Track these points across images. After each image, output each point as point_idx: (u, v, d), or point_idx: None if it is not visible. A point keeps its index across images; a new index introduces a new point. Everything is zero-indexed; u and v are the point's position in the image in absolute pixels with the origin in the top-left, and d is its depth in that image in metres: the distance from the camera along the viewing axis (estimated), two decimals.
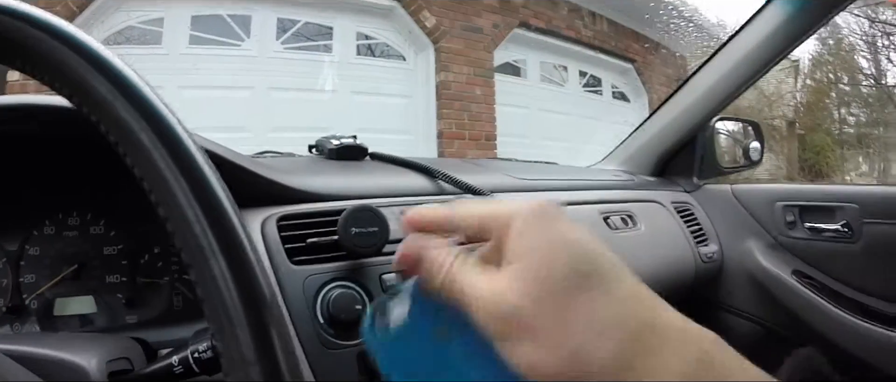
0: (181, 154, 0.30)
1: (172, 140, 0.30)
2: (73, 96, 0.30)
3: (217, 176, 0.31)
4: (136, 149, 0.30)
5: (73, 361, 0.45)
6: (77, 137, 0.63)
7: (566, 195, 1.07)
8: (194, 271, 0.28)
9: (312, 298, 0.61)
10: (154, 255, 0.74)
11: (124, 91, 0.30)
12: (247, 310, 0.28)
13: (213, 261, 0.28)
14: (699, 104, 1.38)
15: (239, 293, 0.28)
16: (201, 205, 0.29)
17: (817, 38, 7.97)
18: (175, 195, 0.29)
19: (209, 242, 0.28)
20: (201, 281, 0.28)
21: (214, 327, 0.28)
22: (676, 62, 6.96)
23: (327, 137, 1.02)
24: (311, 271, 0.63)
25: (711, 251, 1.30)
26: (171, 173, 0.29)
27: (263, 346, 0.28)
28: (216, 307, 0.28)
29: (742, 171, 1.62)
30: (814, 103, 8.74)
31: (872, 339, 1.12)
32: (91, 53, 0.30)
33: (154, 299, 0.73)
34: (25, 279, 0.69)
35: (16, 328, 0.67)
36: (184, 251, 0.29)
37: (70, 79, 0.30)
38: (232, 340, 0.27)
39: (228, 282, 0.28)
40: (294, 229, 0.67)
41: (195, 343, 0.46)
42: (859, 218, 1.17)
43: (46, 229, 0.71)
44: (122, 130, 0.30)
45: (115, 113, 0.30)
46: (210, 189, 0.30)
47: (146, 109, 0.30)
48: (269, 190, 0.71)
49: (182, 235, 0.29)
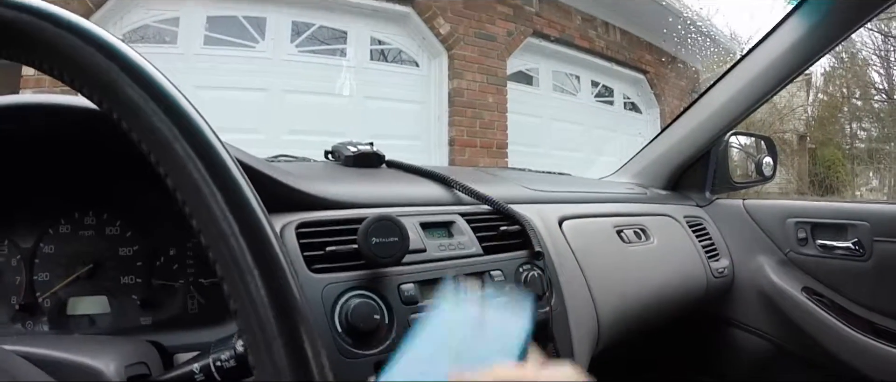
0: (216, 166, 0.30)
1: (208, 151, 0.30)
2: (102, 102, 0.30)
3: (252, 189, 0.31)
4: (170, 159, 0.30)
5: (91, 365, 0.44)
6: (95, 137, 0.63)
7: (580, 208, 1.07)
8: (228, 284, 0.29)
9: (331, 307, 0.61)
10: (170, 257, 0.73)
11: (157, 98, 0.30)
12: (281, 325, 0.28)
13: (248, 276, 0.28)
14: (713, 119, 1.38)
15: (273, 308, 0.28)
16: (237, 219, 0.29)
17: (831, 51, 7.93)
18: (210, 208, 0.29)
19: (245, 257, 0.28)
20: (235, 296, 0.28)
21: (248, 340, 0.28)
22: (690, 75, 6.94)
23: (344, 144, 1.03)
24: (329, 279, 0.63)
25: (723, 267, 1.30)
26: (205, 184, 0.29)
27: (297, 359, 0.28)
28: (250, 321, 0.28)
29: (754, 186, 1.62)
30: (826, 117, 8.66)
31: (882, 358, 1.11)
32: (124, 58, 0.30)
33: (169, 301, 0.72)
34: (39, 277, 0.68)
35: (28, 327, 0.67)
36: (218, 264, 0.29)
37: (100, 84, 0.30)
38: (266, 353, 0.28)
39: (263, 297, 0.28)
40: (313, 236, 0.67)
41: (217, 351, 0.46)
42: (870, 236, 1.16)
43: (62, 227, 0.70)
44: (155, 139, 0.30)
45: (147, 121, 0.30)
46: (246, 203, 0.30)
47: (180, 118, 0.30)
48: (288, 196, 0.71)
49: (217, 248, 0.29)
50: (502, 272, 0.77)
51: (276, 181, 0.70)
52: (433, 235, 0.76)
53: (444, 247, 0.75)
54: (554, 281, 0.84)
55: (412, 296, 0.67)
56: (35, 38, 0.29)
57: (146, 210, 0.72)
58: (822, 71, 8.38)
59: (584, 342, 0.86)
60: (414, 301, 0.67)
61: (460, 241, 0.77)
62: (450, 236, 0.78)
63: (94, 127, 0.59)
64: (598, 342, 0.91)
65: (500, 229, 0.83)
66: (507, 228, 0.83)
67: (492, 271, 0.76)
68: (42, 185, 0.71)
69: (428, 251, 0.73)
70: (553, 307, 0.80)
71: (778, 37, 1.22)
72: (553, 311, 0.80)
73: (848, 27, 1.14)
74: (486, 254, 0.78)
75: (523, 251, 0.82)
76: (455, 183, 0.89)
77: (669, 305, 1.13)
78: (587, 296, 0.91)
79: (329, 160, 1.07)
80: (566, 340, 0.82)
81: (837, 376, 1.21)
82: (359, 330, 0.61)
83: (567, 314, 0.83)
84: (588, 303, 0.90)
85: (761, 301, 1.31)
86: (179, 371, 0.47)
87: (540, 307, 0.79)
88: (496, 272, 0.76)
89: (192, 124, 0.31)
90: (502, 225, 0.83)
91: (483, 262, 0.77)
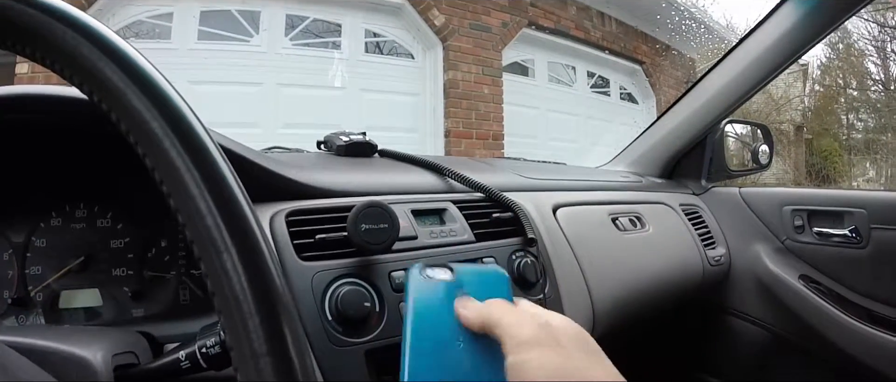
0: (194, 144, 0.30)
1: (185, 129, 0.30)
2: (83, 84, 0.30)
3: (230, 167, 0.31)
4: (148, 138, 0.29)
5: (79, 354, 0.44)
6: (86, 128, 0.62)
7: (575, 196, 1.07)
8: (205, 263, 0.28)
9: (321, 295, 0.61)
10: (161, 249, 0.73)
11: (136, 79, 0.30)
12: (258, 303, 0.27)
13: (225, 254, 0.27)
14: (709, 107, 1.38)
15: (251, 287, 0.27)
16: (214, 196, 0.28)
17: (827, 42, 7.95)
18: (187, 186, 0.29)
19: (221, 234, 0.28)
20: (212, 274, 0.28)
21: (225, 320, 0.27)
22: (686, 64, 6.94)
23: (336, 134, 1.02)
24: (319, 267, 0.62)
25: (719, 255, 1.30)
26: (183, 162, 0.29)
27: (275, 339, 0.27)
28: (227, 300, 0.27)
29: (751, 174, 1.62)
30: (822, 108, 8.69)
31: (879, 345, 1.11)
32: (102, 39, 0.30)
33: (161, 293, 0.72)
34: (31, 270, 0.68)
35: (21, 321, 0.67)
36: (195, 243, 0.28)
37: (81, 66, 0.30)
38: (243, 333, 0.27)
39: (241, 275, 0.27)
40: (303, 224, 0.66)
41: (203, 338, 0.46)
42: (867, 224, 1.16)
43: (53, 220, 0.70)
44: (133, 119, 0.29)
45: (126, 101, 0.29)
46: (223, 180, 0.29)
47: (158, 98, 0.30)
48: (278, 185, 0.70)
49: (193, 227, 0.28)
50: (495, 258, 0.76)
51: (267, 170, 0.70)
52: (425, 222, 0.76)
53: (435, 234, 0.74)
54: (548, 268, 0.83)
55: (403, 284, 0.66)
56: (11, 20, 0.29)
57: (137, 202, 0.72)
58: (819, 62, 8.41)
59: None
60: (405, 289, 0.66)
61: (452, 228, 0.77)
62: (442, 224, 0.77)
63: (84, 118, 0.59)
64: (594, 329, 0.90)
65: (493, 216, 0.82)
66: (500, 215, 0.82)
67: (484, 257, 0.75)
68: (33, 178, 0.70)
69: (419, 238, 0.72)
70: (547, 295, 0.80)
71: (773, 23, 1.21)
72: (547, 298, 0.79)
73: (842, 14, 1.13)
74: (479, 241, 0.77)
75: (516, 239, 0.82)
76: (447, 171, 0.88)
77: (665, 293, 1.13)
78: (582, 283, 0.90)
79: (321, 151, 1.06)
80: None
81: (834, 364, 1.21)
82: (349, 318, 0.60)
83: (561, 301, 0.83)
84: (583, 290, 0.90)
85: (758, 289, 1.31)
86: (166, 359, 0.47)
87: (533, 295, 0.78)
88: (489, 259, 0.75)
89: (169, 104, 0.30)
90: (495, 212, 0.83)
91: (475, 249, 0.76)
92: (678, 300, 1.23)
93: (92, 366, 0.44)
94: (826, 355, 1.22)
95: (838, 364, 1.21)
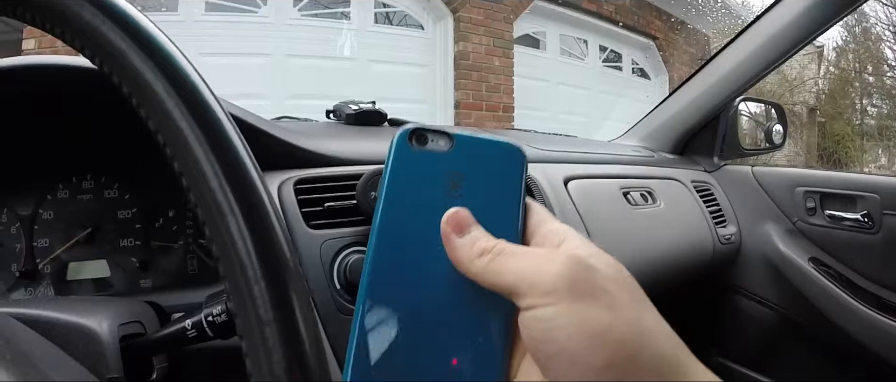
0: (198, 104, 0.29)
1: (189, 90, 0.29)
2: (85, 48, 0.29)
3: (236, 129, 0.30)
4: (151, 100, 0.28)
5: (85, 324, 0.44)
6: (92, 98, 0.61)
7: (587, 169, 1.05)
8: (210, 227, 0.27)
9: (329, 263, 0.60)
10: (169, 219, 0.73)
11: (138, 40, 0.29)
12: (264, 268, 0.26)
13: (230, 218, 0.27)
14: (723, 83, 1.36)
15: (256, 251, 0.26)
16: (218, 158, 0.28)
17: (843, 25, 7.81)
18: (191, 149, 0.28)
19: (227, 197, 0.27)
20: (217, 238, 0.27)
21: (230, 286, 0.26)
22: (700, 41, 6.84)
23: (346, 102, 1.01)
24: (328, 235, 0.62)
25: (730, 233, 1.28)
26: (187, 124, 0.28)
27: (281, 306, 0.26)
28: (232, 265, 0.26)
29: (764, 153, 1.60)
30: (836, 91, 8.57)
31: (886, 332, 1.11)
32: (103, 1, 0.29)
33: (168, 263, 0.72)
34: (39, 243, 0.68)
35: (30, 293, 0.67)
36: (200, 206, 0.28)
37: (81, 28, 0.29)
38: (248, 299, 0.26)
39: (246, 239, 0.26)
40: (311, 192, 0.65)
41: (209, 306, 0.45)
42: (880, 209, 1.15)
43: (60, 192, 0.70)
44: (135, 81, 0.29)
45: (127, 63, 0.29)
46: (228, 141, 0.28)
47: (161, 58, 0.29)
48: (287, 153, 0.70)
49: (198, 189, 0.27)
50: None
51: (275, 138, 0.69)
52: None
53: None
54: None
55: None
56: None
57: (144, 172, 0.72)
58: (834, 44, 8.28)
59: None
60: None
61: None
62: None
63: (91, 88, 0.58)
64: None
65: None
66: None
67: None
68: (40, 150, 0.70)
69: None
70: None
71: (791, 1, 1.18)
72: None
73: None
74: None
75: None
76: None
77: (675, 269, 1.12)
78: None
79: (331, 120, 1.05)
80: None
81: (840, 348, 1.21)
82: (357, 286, 0.59)
83: None
84: None
85: (768, 270, 1.30)
86: (172, 327, 0.46)
87: None
88: None
89: (172, 63, 0.30)
90: None
91: None
92: (687, 278, 1.22)
93: (97, 336, 0.44)
94: (832, 339, 1.21)
95: (844, 349, 1.20)
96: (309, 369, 0.26)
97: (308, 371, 0.26)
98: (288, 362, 0.26)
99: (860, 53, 8.23)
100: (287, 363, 0.26)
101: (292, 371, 0.26)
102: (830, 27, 1.20)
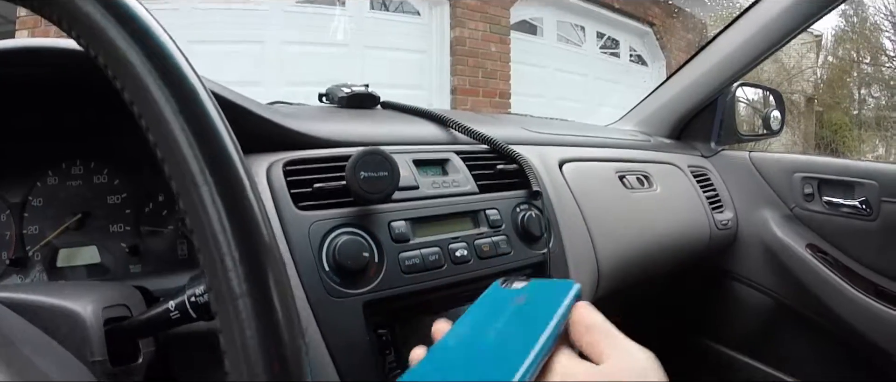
0: (173, 73, 0.28)
1: (164, 59, 0.28)
2: (62, 21, 0.28)
3: (213, 100, 0.29)
4: (126, 70, 0.27)
5: (69, 307, 0.44)
6: (79, 84, 0.61)
7: (582, 151, 1.04)
8: (183, 199, 0.26)
9: (318, 244, 0.59)
10: (158, 203, 0.72)
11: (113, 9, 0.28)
12: (238, 240, 0.25)
13: (203, 188, 0.26)
14: (721, 67, 1.34)
15: (230, 221, 0.25)
16: (192, 127, 0.27)
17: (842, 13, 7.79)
18: (165, 118, 0.27)
19: (200, 166, 0.26)
20: (190, 210, 0.26)
21: (203, 259, 0.26)
22: (698, 27, 6.81)
23: (338, 86, 1.00)
24: (317, 216, 0.61)
25: (726, 219, 1.28)
26: (161, 93, 0.27)
27: (254, 279, 0.25)
28: (206, 237, 0.25)
29: (761, 139, 1.59)
30: (834, 81, 8.56)
31: (882, 320, 1.10)
32: None
33: (158, 247, 0.72)
34: (29, 230, 0.68)
35: (21, 281, 0.67)
36: (173, 178, 0.27)
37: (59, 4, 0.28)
38: (221, 272, 0.25)
39: (219, 209, 0.25)
40: (301, 174, 0.65)
41: (192, 287, 0.44)
42: (878, 196, 1.14)
43: (50, 179, 0.69)
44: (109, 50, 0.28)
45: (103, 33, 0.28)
46: (203, 111, 0.27)
47: (136, 27, 0.28)
48: (277, 135, 0.69)
49: (172, 160, 0.26)
50: (498, 210, 0.75)
51: (265, 119, 0.68)
52: (427, 172, 0.74)
53: (437, 184, 0.72)
54: (552, 222, 0.81)
55: (403, 234, 0.65)
56: None
57: (133, 157, 0.71)
58: (833, 33, 8.26)
59: (582, 286, 0.84)
60: (405, 239, 0.65)
61: (455, 179, 0.75)
62: (444, 174, 0.75)
63: (77, 70, 0.57)
64: (598, 288, 0.89)
65: (498, 167, 0.80)
66: (505, 167, 0.81)
67: (487, 209, 0.74)
68: (29, 137, 0.69)
69: (421, 189, 0.71)
70: (551, 249, 0.78)
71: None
72: (551, 253, 0.78)
73: None
74: (482, 193, 0.76)
75: (521, 191, 0.80)
76: (451, 122, 0.86)
77: (671, 254, 1.11)
78: (587, 240, 0.88)
79: (324, 103, 1.04)
80: None
81: (837, 335, 1.21)
82: (347, 268, 0.59)
83: (566, 256, 0.81)
84: (588, 247, 0.88)
85: (764, 256, 1.29)
86: (155, 309, 0.46)
87: (537, 249, 0.77)
88: (492, 211, 0.74)
89: (148, 35, 0.29)
90: (500, 164, 0.81)
91: (478, 200, 0.74)
92: (683, 263, 1.22)
93: (82, 319, 0.44)
94: (829, 326, 1.21)
95: (840, 336, 1.20)
96: (283, 344, 0.25)
97: (282, 347, 0.25)
98: (261, 337, 0.25)
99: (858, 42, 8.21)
100: (260, 338, 0.25)
101: (267, 346, 0.25)
102: (828, 12, 1.18)
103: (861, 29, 8.10)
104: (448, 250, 0.67)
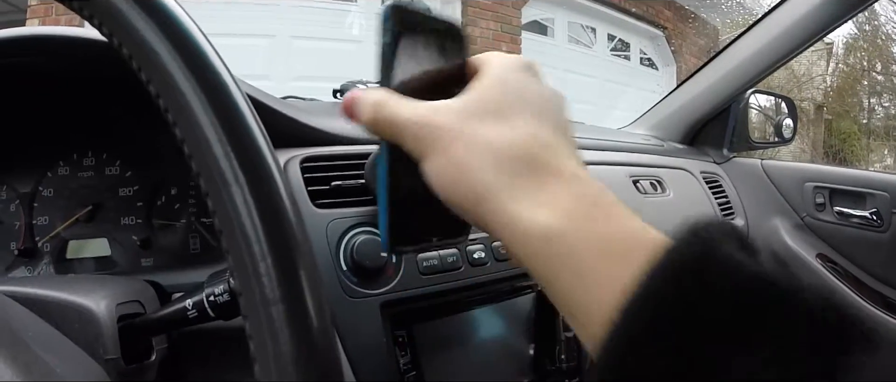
0: (203, 67, 0.27)
1: (193, 51, 0.27)
2: (83, 9, 0.28)
3: (244, 94, 0.28)
4: (153, 61, 0.27)
5: (81, 303, 0.43)
6: (93, 74, 0.60)
7: (596, 155, 1.04)
8: (213, 198, 0.25)
9: (336, 244, 0.59)
10: (171, 197, 0.71)
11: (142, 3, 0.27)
12: (271, 243, 0.24)
13: (234, 187, 0.25)
14: (735, 74, 1.33)
15: (263, 223, 0.24)
16: (223, 123, 0.26)
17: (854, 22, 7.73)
18: (194, 113, 0.26)
19: (231, 165, 0.25)
20: (220, 210, 0.25)
21: (234, 262, 0.25)
22: (710, 33, 6.78)
23: (354, 82, 1.00)
24: (334, 215, 0.61)
25: (738, 226, 1.26)
26: (190, 86, 0.26)
27: (289, 284, 0.24)
28: (236, 239, 0.24)
29: (773, 147, 1.58)
30: (844, 89, 8.50)
31: (892, 332, 1.09)
32: None
33: (170, 242, 0.70)
34: (39, 221, 0.67)
35: (29, 272, 0.66)
36: (202, 176, 0.26)
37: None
38: (253, 277, 0.24)
39: (252, 210, 0.25)
40: (318, 171, 0.64)
41: (211, 285, 0.43)
42: (889, 207, 1.13)
43: (61, 170, 0.68)
44: (136, 41, 0.27)
45: (129, 22, 0.27)
46: (235, 106, 0.26)
47: (164, 18, 0.27)
48: (294, 131, 0.68)
49: (201, 157, 0.26)
50: None
51: (282, 114, 0.67)
52: None
53: None
54: None
55: None
56: None
57: (146, 149, 0.70)
58: (844, 41, 8.21)
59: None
60: None
61: None
62: None
63: (91, 59, 0.57)
64: None
65: None
66: None
67: None
68: (40, 126, 0.68)
69: None
70: None
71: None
72: None
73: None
74: None
75: None
76: None
77: None
78: None
79: (338, 99, 1.03)
80: None
81: None
82: (365, 268, 0.58)
83: None
84: None
85: (774, 264, 1.28)
86: (172, 307, 0.45)
87: None
88: None
89: (176, 24, 0.28)
90: None
91: None
92: None
93: (95, 315, 0.42)
94: None
95: None
96: (317, 352, 0.24)
97: (316, 355, 0.24)
98: (295, 345, 0.24)
99: (869, 51, 8.16)
100: (294, 346, 0.24)
101: (299, 354, 0.24)
102: (843, 23, 1.17)
103: (873, 37, 8.06)
104: (466, 251, 0.67)
